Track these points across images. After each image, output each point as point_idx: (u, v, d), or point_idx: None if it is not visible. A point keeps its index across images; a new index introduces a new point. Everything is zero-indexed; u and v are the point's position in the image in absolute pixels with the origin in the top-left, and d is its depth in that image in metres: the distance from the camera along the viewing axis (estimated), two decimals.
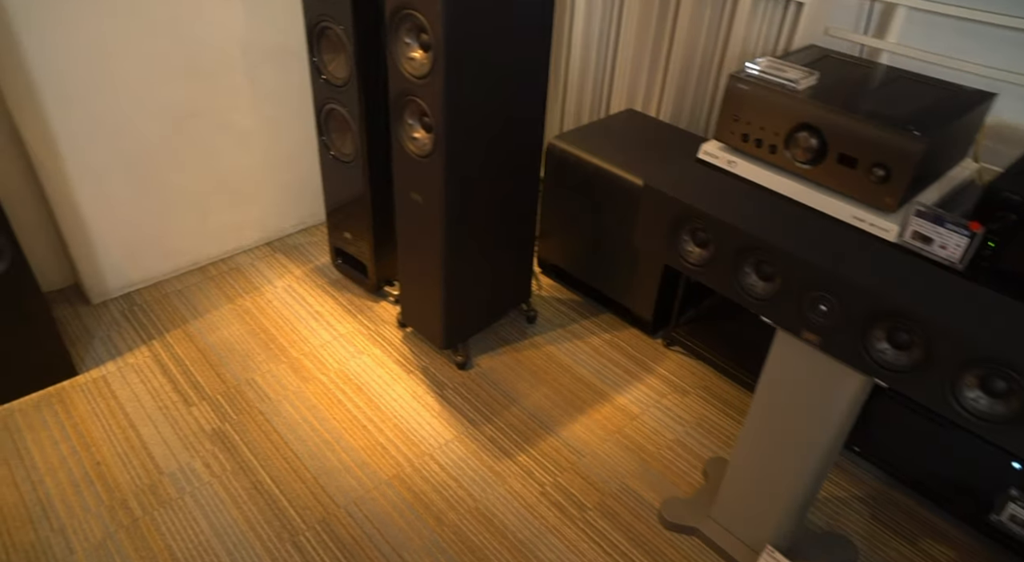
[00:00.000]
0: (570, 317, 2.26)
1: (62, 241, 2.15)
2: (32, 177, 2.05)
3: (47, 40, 1.84)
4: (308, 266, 2.44)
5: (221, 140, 2.26)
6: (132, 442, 1.79)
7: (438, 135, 1.63)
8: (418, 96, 1.63)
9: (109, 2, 1.89)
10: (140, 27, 1.96)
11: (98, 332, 2.13)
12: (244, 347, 2.09)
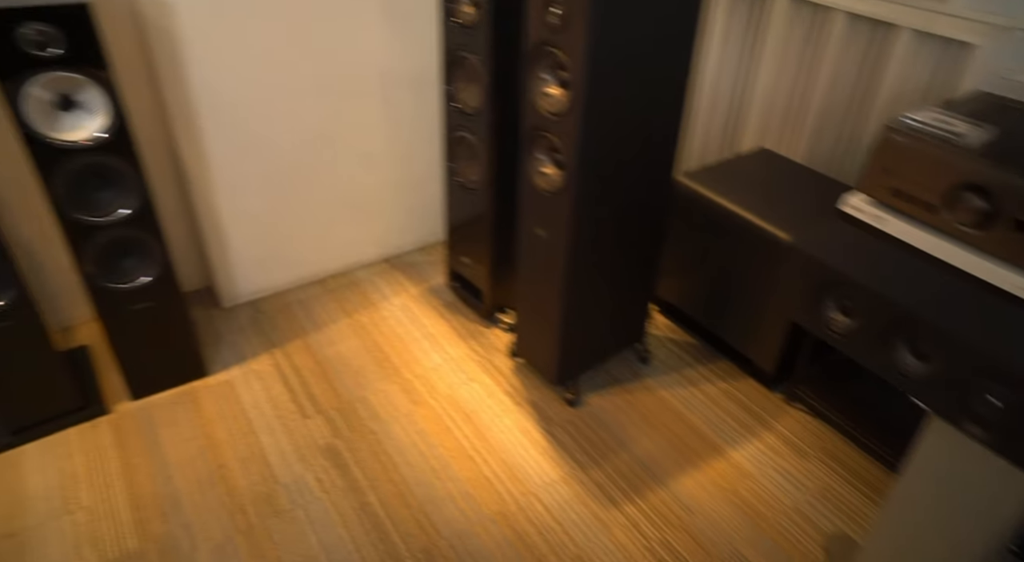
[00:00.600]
0: (685, 361, 2.19)
1: (202, 247, 2.29)
2: (182, 189, 2.19)
3: (210, 63, 1.96)
4: (424, 285, 2.48)
5: (352, 159, 2.34)
6: (252, 449, 1.87)
7: (568, 173, 1.61)
8: (550, 132, 1.62)
9: (271, 28, 1.99)
10: (294, 52, 2.06)
11: (226, 336, 2.24)
12: (358, 363, 2.15)
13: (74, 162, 1.63)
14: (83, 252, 1.74)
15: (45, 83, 1.55)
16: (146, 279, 1.85)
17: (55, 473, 1.80)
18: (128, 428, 1.92)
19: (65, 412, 1.93)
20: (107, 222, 1.73)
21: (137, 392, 2.00)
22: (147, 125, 2.07)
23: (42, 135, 1.58)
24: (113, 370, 2.09)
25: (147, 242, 1.81)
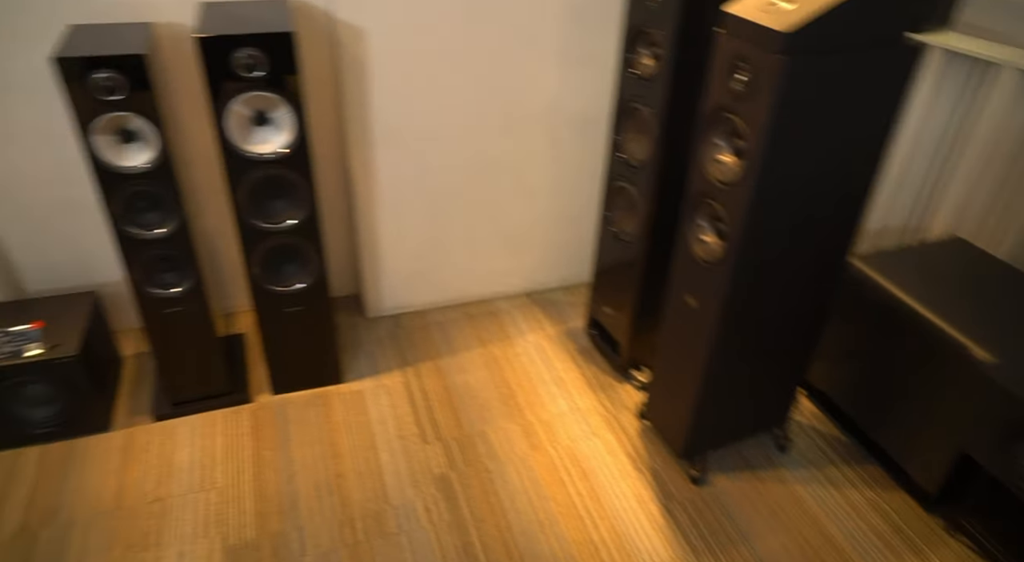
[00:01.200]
0: (828, 457, 2.00)
1: (357, 258, 2.40)
2: (348, 203, 2.31)
3: (390, 88, 2.06)
4: (561, 326, 2.45)
5: (510, 191, 2.37)
6: (370, 464, 1.92)
7: (730, 245, 1.52)
8: (717, 201, 1.53)
9: (450, 59, 2.06)
10: (468, 83, 2.12)
11: (365, 346, 2.33)
12: (485, 396, 2.15)
13: (257, 172, 1.76)
14: (252, 253, 1.87)
15: (246, 101, 1.68)
16: (302, 285, 1.96)
17: (199, 450, 1.94)
18: (265, 420, 2.04)
19: (216, 394, 2.08)
20: (276, 229, 1.85)
21: (278, 387, 2.13)
22: (325, 142, 2.20)
23: (236, 146, 1.71)
24: (260, 362, 2.23)
25: (308, 251, 1.92)
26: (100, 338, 2.09)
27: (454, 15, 2.01)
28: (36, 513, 1.76)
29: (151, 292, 1.85)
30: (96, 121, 1.60)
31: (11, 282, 2.13)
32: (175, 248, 1.81)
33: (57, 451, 1.94)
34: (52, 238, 2.12)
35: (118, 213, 1.72)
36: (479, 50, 2.08)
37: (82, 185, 2.04)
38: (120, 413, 2.06)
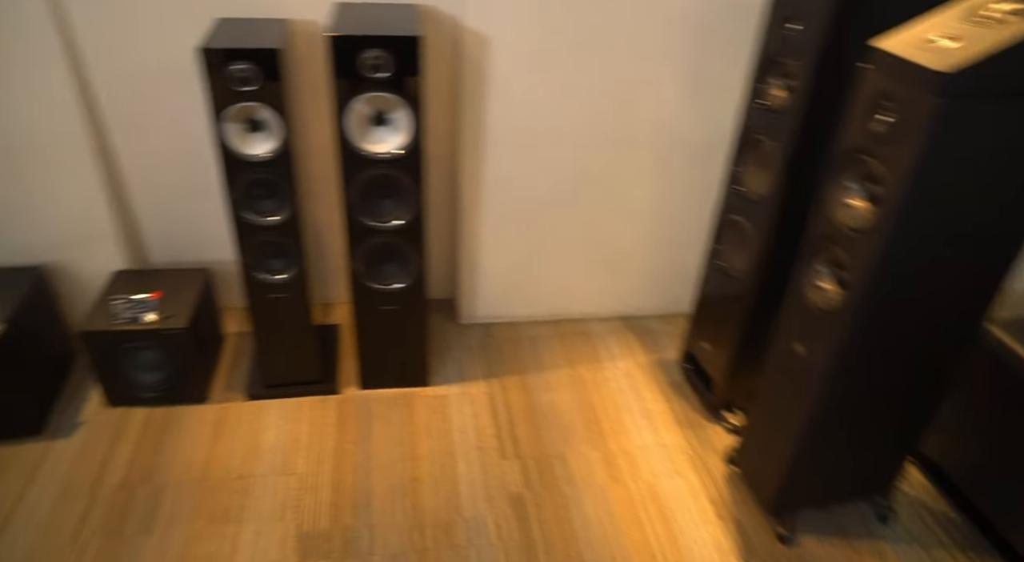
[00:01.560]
0: (936, 537, 1.82)
1: (455, 262, 2.41)
2: (452, 207, 2.33)
3: (506, 97, 2.05)
4: (654, 356, 2.37)
5: (614, 212, 2.31)
6: (447, 472, 1.91)
7: (851, 295, 1.40)
8: (841, 246, 1.43)
9: (569, 72, 2.04)
10: (583, 98, 2.09)
11: (454, 351, 2.34)
12: (568, 418, 2.10)
13: (371, 171, 1.79)
14: (357, 249, 1.91)
15: (368, 100, 1.71)
16: (400, 285, 1.98)
17: (285, 434, 2.00)
18: (349, 413, 2.08)
19: (307, 381, 2.14)
20: (382, 228, 1.88)
21: (365, 382, 2.16)
22: (436, 145, 2.22)
23: (354, 144, 1.75)
24: (351, 356, 2.27)
25: (410, 252, 1.93)
26: (208, 314, 2.19)
27: (578, 29, 1.98)
28: (136, 471, 1.86)
29: (258, 276, 1.92)
30: (229, 109, 1.67)
31: (139, 253, 2.27)
32: (285, 236, 1.87)
33: (159, 415, 2.04)
34: (176, 216, 2.24)
35: (237, 198, 1.79)
36: (598, 65, 2.04)
37: (206, 169, 2.15)
38: (217, 387, 2.15)
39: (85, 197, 2.06)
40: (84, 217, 2.09)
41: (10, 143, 1.95)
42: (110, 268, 2.18)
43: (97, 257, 2.17)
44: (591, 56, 2.03)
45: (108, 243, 2.15)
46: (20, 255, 2.12)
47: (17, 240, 2.10)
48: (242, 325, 2.40)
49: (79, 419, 2.02)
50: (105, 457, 1.90)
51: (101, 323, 1.93)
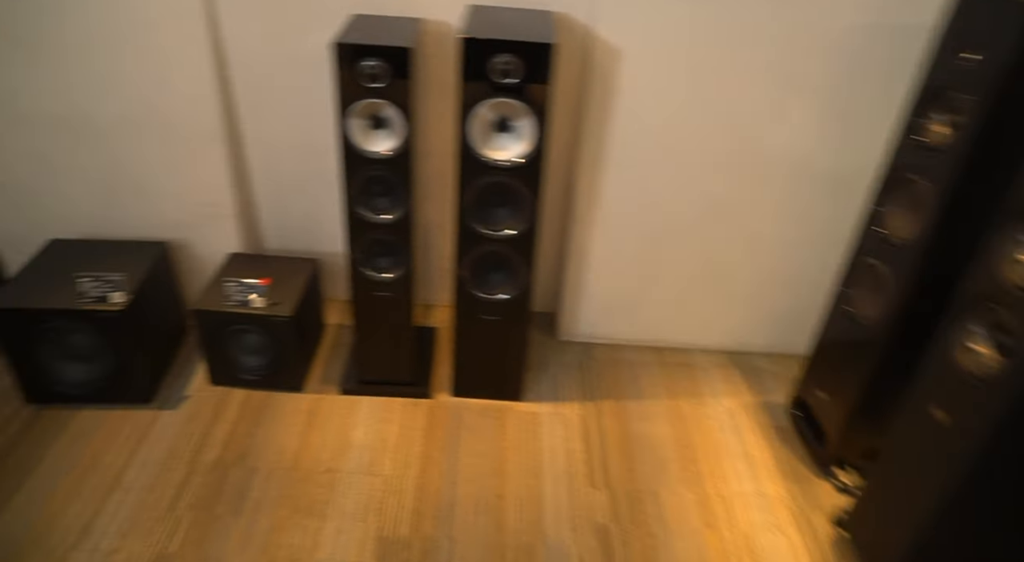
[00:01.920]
0: None
1: (560, 276, 2.34)
2: (564, 220, 2.26)
3: (631, 113, 1.97)
4: (761, 397, 2.22)
5: (733, 240, 2.18)
6: (532, 493, 1.85)
7: (1016, 366, 1.24)
8: (1006, 308, 1.26)
9: (699, 92, 1.93)
10: (712, 120, 1.98)
11: (551, 368, 2.27)
12: (664, 453, 2.00)
13: (488, 178, 1.76)
14: (465, 256, 1.87)
15: (493, 105, 1.67)
16: (505, 296, 1.93)
17: (374, 433, 1.99)
18: (439, 419, 2.05)
19: (400, 382, 2.12)
20: (494, 236, 1.83)
21: (458, 390, 2.13)
22: (555, 156, 2.17)
23: (475, 149, 1.72)
24: (447, 361, 2.25)
25: (518, 264, 1.88)
26: (312, 304, 2.22)
27: (717, 48, 1.88)
28: (231, 451, 1.90)
29: (365, 273, 1.92)
30: (355, 105, 1.67)
31: (254, 238, 2.33)
32: (396, 235, 1.86)
33: (257, 399, 2.08)
34: (293, 205, 2.29)
35: (354, 193, 1.80)
36: (732, 86, 1.93)
37: (326, 162, 2.18)
38: (313, 378, 2.17)
39: (212, 179, 2.14)
40: (209, 199, 2.17)
41: (151, 122, 2.04)
42: (227, 249, 2.24)
43: (216, 238, 2.24)
44: (727, 77, 1.92)
45: (228, 225, 2.22)
46: (149, 229, 2.22)
47: (148, 215, 2.20)
48: (343, 318, 2.43)
49: (185, 393, 2.09)
50: (204, 433, 1.95)
51: (213, 303, 1.99)
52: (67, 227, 2.22)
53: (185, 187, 2.15)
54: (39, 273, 2.00)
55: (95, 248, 2.13)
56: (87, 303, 1.87)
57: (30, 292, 1.91)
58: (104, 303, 1.87)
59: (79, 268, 1.98)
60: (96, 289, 1.87)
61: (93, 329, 1.89)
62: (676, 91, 1.95)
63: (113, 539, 1.67)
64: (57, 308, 1.85)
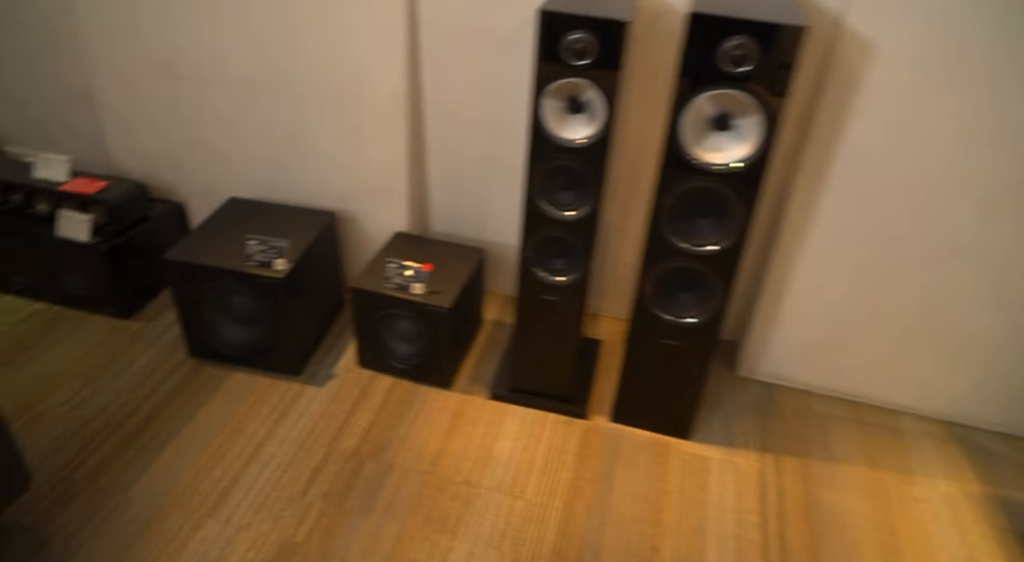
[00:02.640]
0: None
1: (750, 302, 2.03)
2: (767, 238, 1.94)
3: (870, 126, 1.63)
4: (991, 488, 1.79)
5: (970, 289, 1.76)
6: (692, 553, 1.57)
7: None
8: None
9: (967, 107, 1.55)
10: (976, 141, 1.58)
11: (726, 406, 1.97)
12: (858, 534, 1.64)
13: (695, 182, 1.49)
14: (651, 269, 1.63)
15: (714, 97, 1.41)
16: (692, 320, 1.67)
17: (521, 449, 1.80)
18: (593, 446, 1.82)
19: (555, 396, 1.92)
20: (691, 251, 1.57)
21: (618, 415, 1.89)
22: (772, 163, 1.86)
23: (685, 147, 1.46)
24: (610, 380, 2.02)
25: (714, 286, 1.61)
26: (472, 296, 2.06)
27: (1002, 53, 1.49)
28: (369, 443, 1.78)
29: (536, 273, 1.73)
30: (554, 84, 1.47)
31: (422, 218, 2.22)
32: (576, 235, 1.64)
33: (403, 389, 1.96)
34: (465, 189, 2.14)
35: (536, 184, 1.60)
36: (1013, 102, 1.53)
37: (507, 146, 2.01)
38: (463, 376, 2.02)
39: (388, 153, 2.03)
40: (384, 172, 2.07)
41: (336, 89, 1.96)
42: (393, 227, 2.14)
43: (384, 214, 2.14)
44: (1005, 92, 1.52)
45: (397, 203, 2.11)
46: (319, 198, 2.16)
47: (321, 183, 2.14)
48: (503, 314, 2.27)
49: (333, 371, 2.01)
50: (346, 418, 1.86)
51: (372, 283, 1.88)
52: (245, 187, 2.21)
53: (360, 158, 2.06)
54: (216, 229, 1.99)
55: (267, 211, 2.10)
56: (251, 266, 1.82)
57: (204, 248, 1.89)
58: (267, 268, 1.82)
59: (250, 229, 1.95)
60: (262, 253, 1.81)
61: (254, 293, 1.85)
62: (939, 101, 1.58)
63: (245, 513, 1.60)
64: (224, 268, 1.82)
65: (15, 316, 2.14)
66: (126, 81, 2.14)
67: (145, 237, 2.14)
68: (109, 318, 2.15)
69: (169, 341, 2.07)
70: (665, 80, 1.79)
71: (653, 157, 1.92)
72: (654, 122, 1.87)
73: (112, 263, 2.03)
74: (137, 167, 2.30)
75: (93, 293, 2.11)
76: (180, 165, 2.25)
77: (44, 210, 2.09)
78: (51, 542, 1.53)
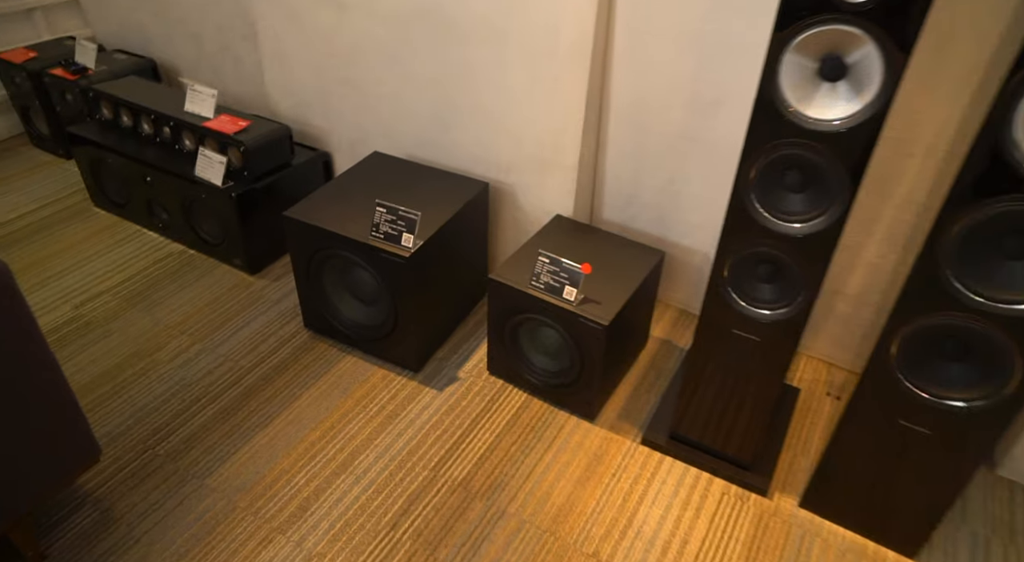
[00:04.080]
0: None
1: None
2: None
3: None
4: None
5: None
6: None
7: None
8: None
9: None
10: None
11: (975, 520, 1.39)
12: None
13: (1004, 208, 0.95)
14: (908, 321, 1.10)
15: None
16: (958, 404, 1.12)
17: (672, 523, 1.36)
18: (772, 539, 1.34)
19: (728, 457, 1.45)
20: (986, 307, 1.03)
21: (813, 501, 1.38)
22: None
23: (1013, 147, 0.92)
24: (803, 444, 1.51)
25: (1007, 359, 1.06)
26: (639, 310, 1.63)
27: None
28: (483, 475, 1.43)
29: (732, 300, 1.26)
30: (807, 33, 0.99)
31: (589, 203, 1.80)
32: (800, 255, 1.15)
33: (536, 411, 1.59)
34: (648, 172, 1.69)
35: (752, 177, 1.13)
36: None
37: (709, 125, 1.53)
38: (611, 407, 1.61)
39: (563, 117, 1.63)
40: (553, 140, 1.67)
41: (514, 32, 1.58)
42: (554, 209, 1.75)
43: (547, 192, 1.75)
44: None
45: (563, 180, 1.71)
46: (473, 164, 1.81)
47: (478, 146, 1.79)
48: (674, 332, 1.81)
49: (457, 373, 1.68)
50: (462, 436, 1.52)
51: (516, 276, 1.50)
52: (395, 141, 1.92)
53: (528, 119, 1.68)
54: (350, 187, 1.70)
55: (412, 172, 1.78)
56: (376, 239, 1.51)
57: (330, 209, 1.61)
58: (393, 243, 1.50)
59: (386, 192, 1.65)
60: (390, 224, 1.50)
61: (375, 269, 1.54)
62: None
63: (322, 539, 1.31)
64: (344, 235, 1.53)
65: (154, 254, 2.02)
66: (289, 7, 1.90)
67: (283, 186, 1.92)
68: (236, 271, 1.97)
69: (288, 307, 1.85)
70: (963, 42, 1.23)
71: (923, 151, 1.36)
72: (933, 96, 1.31)
73: (241, 211, 1.83)
74: (290, 109, 2.09)
75: (223, 241, 1.94)
76: (332, 111, 2.00)
77: (189, 147, 1.93)
78: (116, 524, 1.34)
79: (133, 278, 1.93)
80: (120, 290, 1.89)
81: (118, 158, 1.98)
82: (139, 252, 2.03)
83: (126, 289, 1.89)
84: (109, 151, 1.99)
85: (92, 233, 2.10)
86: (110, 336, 1.74)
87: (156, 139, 1.98)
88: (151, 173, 1.94)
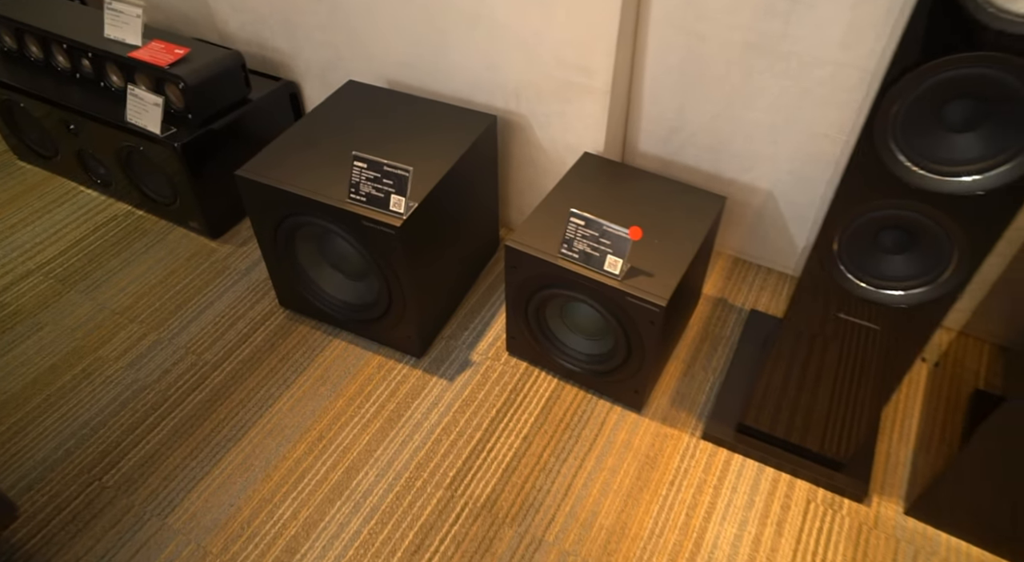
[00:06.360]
0: None
1: None
2: None
3: None
4: None
5: None
6: None
7: None
8: None
9: None
10: None
11: None
12: None
13: None
14: None
15: None
16: None
17: (750, 544, 1.10)
18: (871, 552, 1.08)
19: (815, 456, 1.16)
20: None
21: (920, 510, 1.11)
22: None
23: None
24: (905, 435, 1.23)
25: None
26: (695, 274, 1.29)
27: None
28: (511, 491, 1.15)
29: (843, 276, 0.93)
30: None
31: (624, 136, 1.44)
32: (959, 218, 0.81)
33: (570, 401, 1.29)
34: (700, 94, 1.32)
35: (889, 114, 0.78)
36: None
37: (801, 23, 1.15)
38: (658, 394, 1.31)
39: (591, 22, 1.23)
40: (579, 54, 1.28)
41: None
42: (582, 146, 1.38)
43: (572, 123, 1.38)
44: None
45: (595, 106, 1.33)
46: (476, 91, 1.43)
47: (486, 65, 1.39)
48: (729, 288, 1.49)
49: (469, 357, 1.37)
50: (481, 439, 1.23)
51: (538, 241, 1.17)
52: (378, 64, 1.53)
53: (546, 27, 1.28)
54: (321, 130, 1.34)
55: (398, 104, 1.41)
56: (356, 203, 1.17)
57: (292, 162, 1.25)
58: (380, 208, 1.16)
59: (365, 137, 1.29)
60: (373, 184, 1.15)
61: (358, 242, 1.21)
62: None
63: None
64: (313, 199, 1.18)
65: (94, 219, 1.67)
66: None
67: (241, 128, 1.55)
68: (194, 235, 1.63)
69: (260, 278, 1.52)
70: None
71: None
72: None
73: (191, 165, 1.47)
74: (242, 28, 1.68)
75: (175, 200, 1.59)
76: (295, 28, 1.59)
77: (117, 83, 1.54)
78: None
79: (69, 251, 1.59)
80: (53, 268, 1.55)
81: (31, 101, 1.60)
82: (75, 217, 1.68)
83: (60, 266, 1.55)
84: (18, 92, 1.60)
85: (16, 194, 1.74)
86: (41, 329, 1.42)
87: (76, 74, 1.59)
88: (73, 119, 1.56)
